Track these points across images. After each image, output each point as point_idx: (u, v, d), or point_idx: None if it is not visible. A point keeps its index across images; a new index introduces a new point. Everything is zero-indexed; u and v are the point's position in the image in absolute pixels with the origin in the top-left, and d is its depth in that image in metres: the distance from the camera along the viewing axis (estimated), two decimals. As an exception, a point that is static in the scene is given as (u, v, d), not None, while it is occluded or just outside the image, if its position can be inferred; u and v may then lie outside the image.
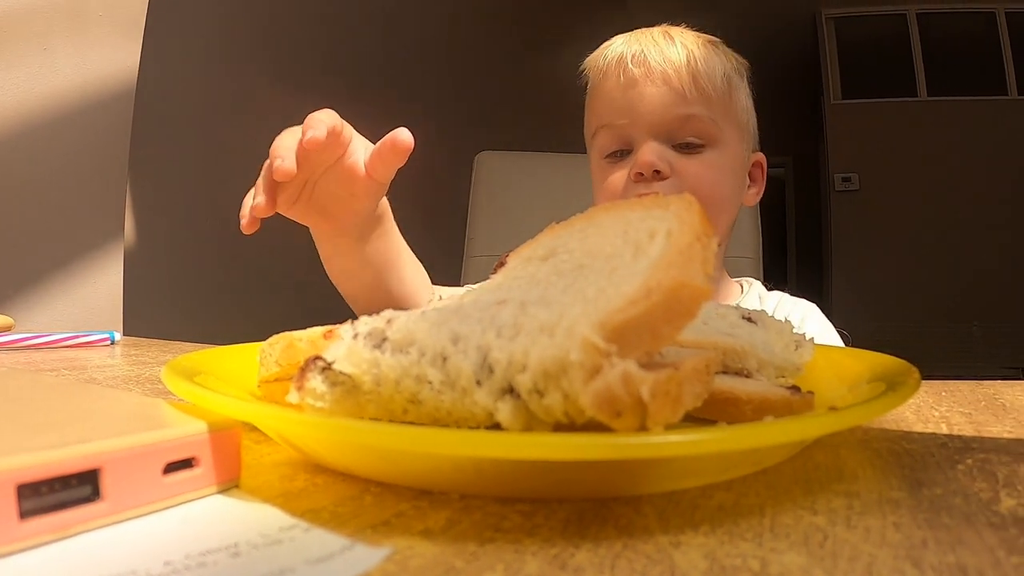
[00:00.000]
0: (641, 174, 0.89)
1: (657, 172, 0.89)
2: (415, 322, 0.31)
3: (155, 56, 1.94)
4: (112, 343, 0.99)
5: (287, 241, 2.66)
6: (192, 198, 2.27)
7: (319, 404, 0.32)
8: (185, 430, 0.30)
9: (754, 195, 1.05)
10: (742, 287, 1.07)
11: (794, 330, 0.48)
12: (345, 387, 0.32)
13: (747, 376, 0.40)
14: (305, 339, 0.36)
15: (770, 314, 0.48)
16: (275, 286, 2.54)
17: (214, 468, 0.31)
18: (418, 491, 0.31)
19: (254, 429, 0.39)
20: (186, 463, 0.30)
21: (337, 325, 0.36)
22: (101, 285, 1.60)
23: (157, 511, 0.29)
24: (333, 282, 0.87)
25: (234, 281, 2.42)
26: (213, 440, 0.31)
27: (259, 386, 0.41)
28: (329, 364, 0.32)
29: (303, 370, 0.32)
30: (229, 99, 2.41)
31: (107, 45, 1.63)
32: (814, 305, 1.03)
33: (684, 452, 0.28)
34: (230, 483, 0.32)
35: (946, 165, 6.02)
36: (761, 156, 1.05)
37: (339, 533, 0.27)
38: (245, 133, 2.48)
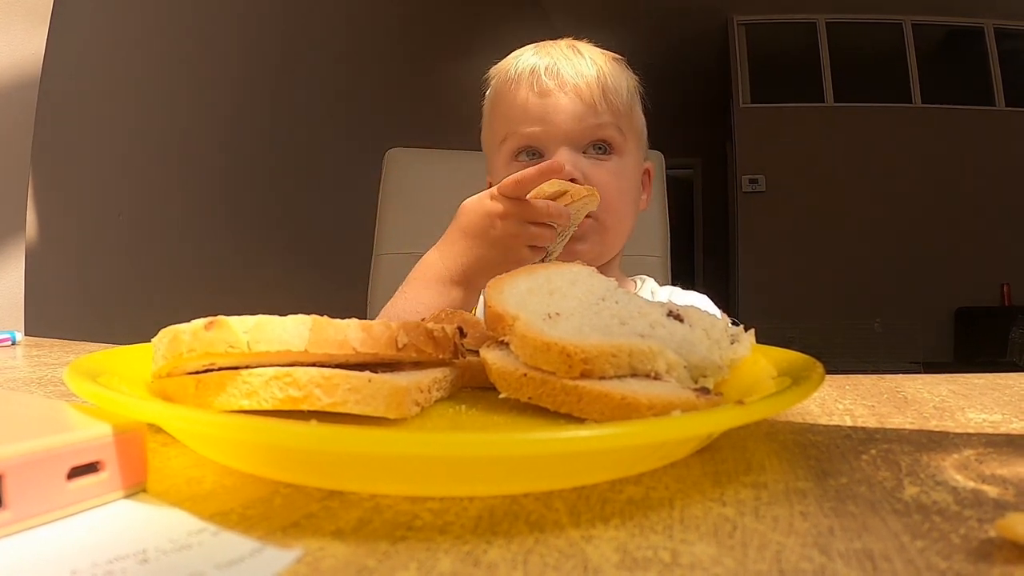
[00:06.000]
0: None
1: (572, 180, 0.91)
2: None
3: (62, 44, 1.87)
4: (13, 344, 0.95)
5: (189, 238, 2.61)
6: (97, 194, 2.20)
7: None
8: (89, 433, 0.29)
9: (645, 200, 1.10)
10: (636, 283, 1.11)
11: (729, 325, 0.48)
12: None
13: (655, 378, 0.40)
14: (188, 331, 0.36)
15: None
16: (178, 284, 2.49)
17: (120, 472, 0.30)
18: (327, 492, 0.31)
19: (159, 431, 0.38)
20: (91, 467, 0.29)
21: (217, 317, 0.35)
22: (1, 283, 1.53)
23: (62, 518, 0.28)
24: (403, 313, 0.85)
25: (139, 279, 2.35)
26: (118, 443, 0.30)
27: (152, 381, 0.40)
28: None
29: None
30: (139, 92, 2.33)
31: (10, 31, 1.56)
32: (705, 296, 1.08)
33: (592, 447, 0.29)
34: (136, 487, 0.31)
35: (851, 169, 6.25)
36: (651, 164, 1.11)
37: (249, 536, 0.26)
38: (155, 129, 2.41)
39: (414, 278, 0.85)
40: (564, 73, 0.96)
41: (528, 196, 0.79)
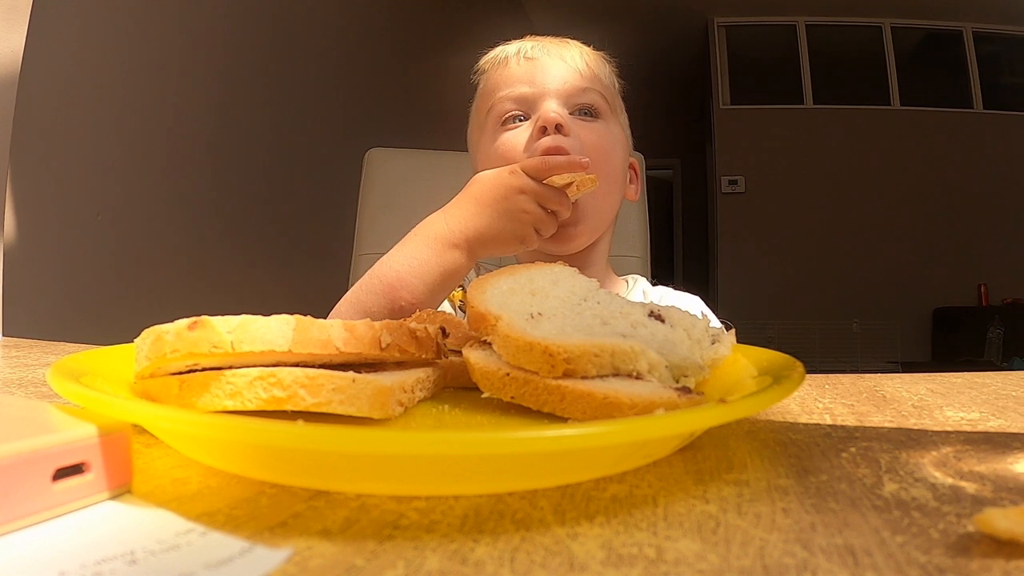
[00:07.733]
0: (544, 128, 0.91)
1: (559, 127, 0.91)
2: None
3: (42, 41, 1.85)
4: (-9, 345, 0.95)
5: (169, 238, 2.59)
6: (77, 193, 2.18)
7: None
8: (74, 434, 0.29)
9: (634, 191, 1.11)
10: (627, 283, 1.11)
11: (709, 325, 0.48)
12: None
13: (637, 378, 0.41)
14: (171, 332, 0.35)
15: None
16: (158, 285, 2.47)
17: (105, 473, 0.30)
18: (313, 491, 0.31)
19: (142, 431, 0.37)
20: (76, 469, 0.29)
21: (200, 317, 0.35)
22: (-22, 284, 1.52)
23: (48, 520, 0.28)
24: (423, 292, 0.83)
25: (119, 280, 2.33)
26: (103, 444, 0.30)
27: (135, 382, 0.40)
28: None
29: None
30: (119, 91, 2.32)
31: (-14, 29, 1.55)
32: (698, 298, 1.07)
33: (576, 446, 0.29)
34: (122, 488, 0.31)
35: (830, 170, 6.29)
36: (635, 160, 1.12)
37: (237, 536, 0.26)
38: (136, 127, 2.39)
39: (413, 235, 0.85)
40: (551, 48, 1.00)
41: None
